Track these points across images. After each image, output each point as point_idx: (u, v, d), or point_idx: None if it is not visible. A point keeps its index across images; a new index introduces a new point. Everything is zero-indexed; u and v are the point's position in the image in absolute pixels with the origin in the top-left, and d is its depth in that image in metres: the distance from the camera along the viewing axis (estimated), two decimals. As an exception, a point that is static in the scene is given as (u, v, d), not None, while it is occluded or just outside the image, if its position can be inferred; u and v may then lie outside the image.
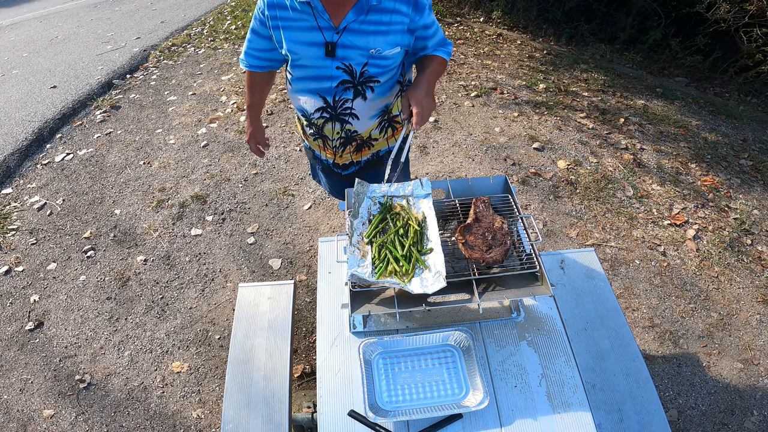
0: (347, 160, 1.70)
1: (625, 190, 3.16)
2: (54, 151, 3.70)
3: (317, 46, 1.37)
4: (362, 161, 1.73)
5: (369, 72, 1.42)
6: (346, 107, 1.50)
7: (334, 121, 1.55)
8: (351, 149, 1.65)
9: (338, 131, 1.57)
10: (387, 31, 1.35)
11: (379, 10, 1.32)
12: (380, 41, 1.35)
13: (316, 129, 1.60)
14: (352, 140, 1.61)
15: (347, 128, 1.56)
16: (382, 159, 1.74)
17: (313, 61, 1.40)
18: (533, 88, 4.32)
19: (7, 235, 2.97)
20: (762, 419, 2.07)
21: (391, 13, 1.33)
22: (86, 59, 5.07)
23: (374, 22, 1.33)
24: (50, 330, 2.44)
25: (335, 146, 1.63)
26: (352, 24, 1.33)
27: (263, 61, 1.57)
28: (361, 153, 1.68)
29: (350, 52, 1.37)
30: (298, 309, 2.49)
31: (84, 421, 2.08)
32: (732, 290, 2.56)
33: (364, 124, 1.56)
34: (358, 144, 1.64)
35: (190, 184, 3.27)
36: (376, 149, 1.70)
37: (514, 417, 1.17)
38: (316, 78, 1.45)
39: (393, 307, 1.20)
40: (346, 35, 1.35)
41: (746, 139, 3.82)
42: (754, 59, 4.40)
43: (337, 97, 1.47)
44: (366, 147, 1.66)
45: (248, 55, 1.57)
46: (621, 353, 1.59)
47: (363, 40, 1.35)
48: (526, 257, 1.30)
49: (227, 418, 1.48)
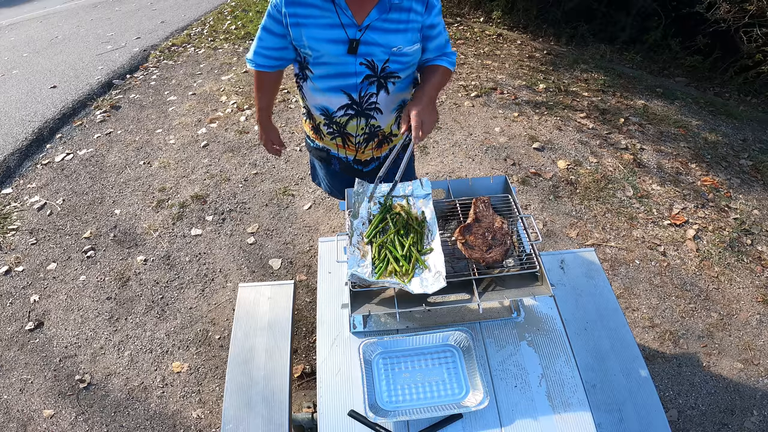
0: (369, 156, 1.71)
1: (625, 190, 3.16)
2: (54, 151, 3.70)
3: (340, 43, 1.36)
4: (382, 157, 1.74)
5: (390, 68, 1.43)
6: (371, 102, 1.51)
7: (359, 117, 1.55)
8: (373, 145, 1.66)
9: (362, 127, 1.58)
10: (406, 30, 1.37)
11: (399, 8, 1.35)
12: (401, 39, 1.38)
13: (337, 127, 1.59)
14: (375, 136, 1.63)
15: (371, 123, 1.57)
16: (399, 153, 1.74)
17: (335, 58, 1.39)
18: (533, 88, 4.32)
19: (7, 235, 2.97)
20: (762, 419, 2.07)
21: (409, 12, 1.36)
22: (86, 59, 5.07)
23: (395, 20, 1.36)
24: (50, 330, 2.44)
25: (358, 142, 1.64)
26: (375, 22, 1.35)
27: (273, 60, 1.53)
28: (382, 149, 1.70)
29: (373, 48, 1.38)
30: (298, 309, 2.49)
31: (84, 421, 2.08)
32: (732, 290, 2.56)
33: (386, 118, 1.58)
34: (380, 140, 1.65)
35: (190, 184, 3.27)
36: (395, 144, 1.71)
37: (514, 417, 1.17)
38: (339, 75, 1.44)
39: (393, 307, 1.20)
40: (369, 33, 1.36)
41: (746, 139, 3.82)
42: (754, 59, 4.39)
43: (363, 93, 1.48)
44: (386, 142, 1.68)
45: (258, 55, 1.53)
46: (621, 353, 1.59)
47: (385, 38, 1.36)
48: (526, 257, 1.30)
49: (227, 418, 1.48)
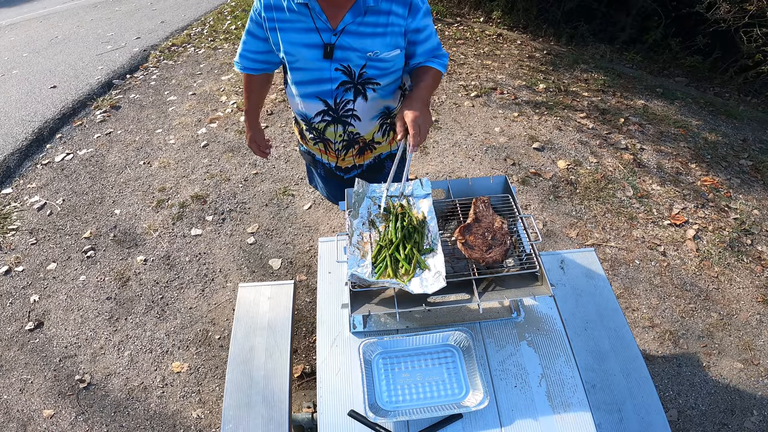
0: (350, 163, 1.68)
1: (625, 190, 3.16)
2: (54, 151, 3.70)
3: (315, 47, 1.35)
4: (364, 165, 1.70)
5: (368, 74, 1.40)
6: (347, 109, 1.48)
7: (336, 124, 1.52)
8: (354, 152, 1.63)
9: (340, 134, 1.55)
10: (384, 33, 1.33)
11: (376, 11, 1.31)
12: (378, 43, 1.34)
13: (317, 133, 1.58)
14: (354, 143, 1.59)
15: (350, 130, 1.54)
16: (384, 162, 1.73)
17: (310, 63, 1.39)
18: (533, 88, 4.32)
19: (7, 235, 2.97)
20: (762, 419, 2.07)
21: (388, 15, 1.31)
22: (86, 59, 5.07)
23: (372, 24, 1.32)
24: (50, 330, 2.44)
25: (338, 149, 1.61)
26: (350, 26, 1.32)
27: (258, 63, 1.54)
28: (364, 156, 1.66)
29: (348, 53, 1.35)
30: (298, 309, 2.49)
31: (84, 421, 2.08)
32: (732, 290, 2.56)
33: (366, 126, 1.54)
34: (360, 147, 1.61)
35: (190, 184, 3.27)
36: (378, 152, 1.68)
37: (514, 417, 1.17)
38: (315, 81, 1.43)
39: (393, 307, 1.20)
40: (344, 37, 1.33)
41: (746, 139, 3.82)
42: (754, 59, 4.39)
43: (338, 99, 1.45)
44: (368, 150, 1.64)
45: (243, 58, 1.54)
46: (621, 353, 1.59)
47: (360, 42, 1.33)
48: (526, 257, 1.30)
49: (227, 418, 1.48)
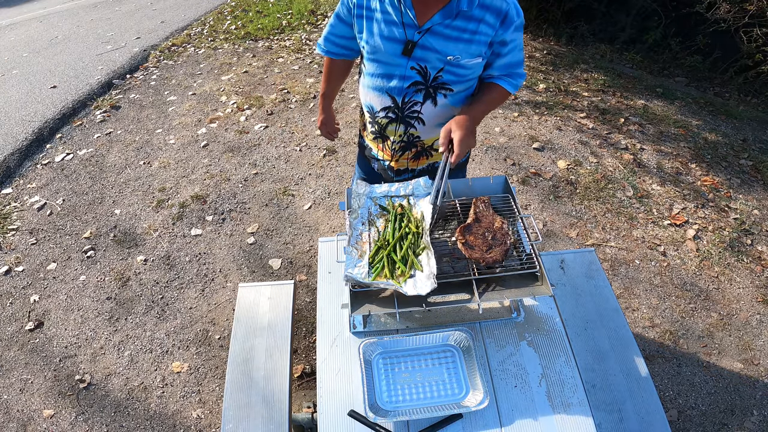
0: (403, 165, 1.64)
1: (625, 190, 3.16)
2: (54, 151, 3.70)
3: (396, 42, 1.33)
4: (417, 170, 1.66)
5: (443, 78, 1.37)
6: (413, 110, 1.45)
7: (398, 123, 1.50)
8: (410, 155, 1.59)
9: (401, 134, 1.52)
10: (470, 40, 1.29)
11: (467, 17, 1.26)
12: (461, 49, 1.30)
13: (378, 127, 1.56)
14: (412, 146, 1.56)
15: (410, 132, 1.51)
16: (437, 171, 1.72)
17: (387, 57, 1.36)
18: (533, 88, 4.31)
19: (7, 235, 2.97)
20: (762, 419, 2.07)
21: (478, 22, 1.27)
22: (86, 59, 5.07)
23: (460, 28, 1.28)
24: (50, 330, 2.44)
25: (394, 149, 1.58)
26: (437, 26, 1.28)
27: (341, 48, 1.54)
28: (419, 161, 1.62)
29: (429, 54, 1.32)
30: (298, 309, 2.49)
31: (84, 421, 2.08)
32: (732, 290, 2.56)
33: (429, 131, 1.51)
34: (417, 151, 1.58)
35: (190, 184, 3.27)
36: (434, 160, 1.63)
37: (514, 417, 1.17)
38: (388, 76, 1.40)
39: (393, 307, 1.20)
40: (427, 36, 1.30)
41: (746, 139, 3.82)
42: (754, 59, 4.39)
43: (407, 99, 1.43)
44: (425, 156, 1.60)
45: (327, 41, 1.54)
46: (621, 353, 1.59)
47: (443, 45, 1.29)
48: (526, 257, 1.30)
49: (227, 418, 1.48)
